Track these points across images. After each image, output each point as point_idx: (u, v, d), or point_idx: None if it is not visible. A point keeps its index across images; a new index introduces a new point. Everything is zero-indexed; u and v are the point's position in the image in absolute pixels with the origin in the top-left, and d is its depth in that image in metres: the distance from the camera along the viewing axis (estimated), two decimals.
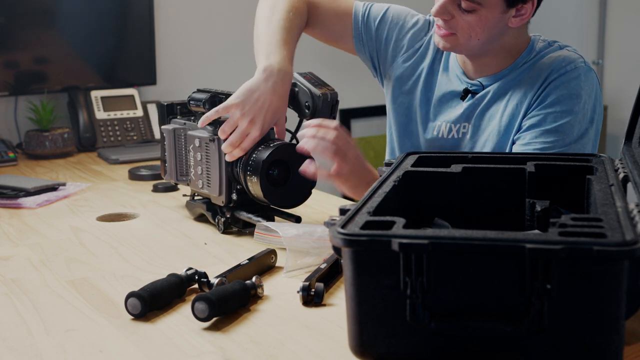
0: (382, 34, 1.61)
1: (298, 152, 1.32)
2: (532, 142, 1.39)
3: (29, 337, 0.97)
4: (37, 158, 2.26)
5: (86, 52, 2.48)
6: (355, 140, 1.36)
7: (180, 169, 1.52)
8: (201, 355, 0.91)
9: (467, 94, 1.50)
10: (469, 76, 1.51)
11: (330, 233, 0.81)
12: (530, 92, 1.43)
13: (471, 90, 1.50)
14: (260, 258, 1.20)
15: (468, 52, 1.47)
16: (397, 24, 1.61)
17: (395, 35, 1.61)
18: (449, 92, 1.53)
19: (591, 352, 0.75)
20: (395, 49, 1.61)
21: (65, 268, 1.25)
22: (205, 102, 1.38)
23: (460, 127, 1.51)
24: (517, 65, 1.47)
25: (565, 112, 1.39)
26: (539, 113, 1.41)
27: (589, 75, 1.42)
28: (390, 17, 1.62)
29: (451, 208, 1.08)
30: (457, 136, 1.51)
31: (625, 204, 0.86)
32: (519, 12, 1.40)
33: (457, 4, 1.39)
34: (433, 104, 1.55)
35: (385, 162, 1.15)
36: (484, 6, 1.37)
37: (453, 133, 1.51)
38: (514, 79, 1.46)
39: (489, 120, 1.47)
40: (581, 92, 1.40)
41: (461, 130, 1.50)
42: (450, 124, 1.52)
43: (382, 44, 1.61)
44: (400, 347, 0.80)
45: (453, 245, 0.76)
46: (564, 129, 1.39)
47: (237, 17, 2.84)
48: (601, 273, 0.73)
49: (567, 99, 1.39)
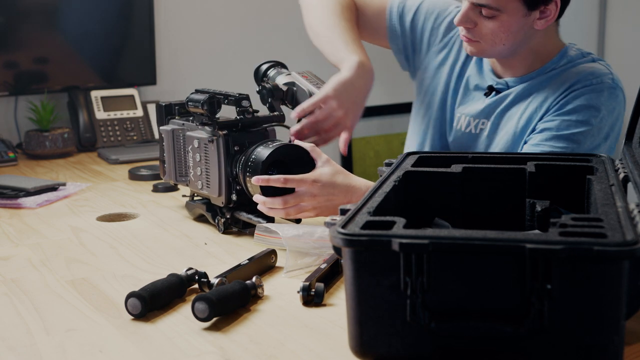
0: (417, 24, 1.64)
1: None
2: (541, 144, 1.39)
3: (29, 337, 0.97)
4: (37, 158, 2.26)
5: (86, 52, 2.48)
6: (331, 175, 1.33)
7: (179, 169, 1.52)
8: (201, 355, 0.91)
9: (491, 91, 1.51)
10: (497, 74, 1.52)
11: (331, 233, 0.81)
12: (551, 97, 1.43)
13: (495, 88, 1.51)
14: (260, 258, 1.20)
15: (496, 56, 1.48)
16: (431, 13, 1.64)
17: (431, 25, 1.63)
18: (474, 85, 1.54)
19: (591, 352, 0.75)
20: (430, 39, 1.63)
21: (65, 268, 1.25)
22: (203, 103, 1.38)
23: (479, 123, 1.52)
24: (545, 70, 1.47)
25: (581, 123, 1.39)
26: (555, 118, 1.41)
27: (613, 93, 1.41)
28: (426, 8, 1.64)
29: (451, 208, 1.08)
30: (474, 131, 1.52)
31: (626, 204, 0.86)
32: (543, 13, 1.40)
33: (478, 11, 1.40)
34: (460, 93, 1.56)
35: (385, 162, 1.15)
36: (504, 12, 1.37)
37: (471, 127, 1.52)
38: (540, 83, 1.46)
39: (508, 120, 1.48)
40: (601, 107, 1.39)
41: (479, 126, 1.51)
42: (470, 117, 1.53)
43: (418, 34, 1.64)
44: (400, 347, 0.80)
45: (453, 245, 0.76)
46: (576, 138, 1.38)
47: (238, 17, 2.84)
48: (601, 273, 0.73)
49: (586, 110, 1.39)
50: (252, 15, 2.87)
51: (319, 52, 1.60)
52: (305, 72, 1.49)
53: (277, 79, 1.51)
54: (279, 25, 2.92)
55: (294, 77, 1.47)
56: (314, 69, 1.55)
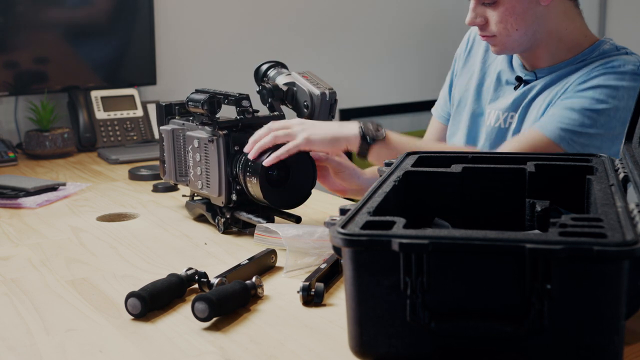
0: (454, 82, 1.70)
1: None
2: (555, 114, 1.39)
3: (29, 337, 0.97)
4: (37, 158, 2.26)
5: (86, 52, 2.48)
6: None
7: (179, 169, 1.52)
8: (201, 355, 0.91)
9: (520, 83, 1.51)
10: (527, 68, 1.53)
11: (331, 233, 0.81)
12: (572, 79, 1.42)
13: (524, 80, 1.51)
14: (260, 258, 1.20)
15: (519, 48, 1.47)
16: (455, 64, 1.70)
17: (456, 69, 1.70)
18: (505, 81, 1.55)
19: (591, 352, 0.75)
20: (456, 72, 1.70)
21: (65, 268, 1.25)
22: (203, 103, 1.38)
23: (508, 117, 1.52)
24: (575, 61, 1.46)
25: (598, 100, 1.38)
26: (572, 95, 1.40)
27: (636, 79, 1.39)
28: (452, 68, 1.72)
29: (451, 208, 1.08)
30: (503, 125, 1.52)
31: (626, 204, 0.86)
32: None
33: (482, 4, 1.42)
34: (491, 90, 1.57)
35: (385, 162, 1.15)
36: None
37: (500, 122, 1.52)
38: (567, 72, 1.45)
39: (533, 109, 1.47)
40: (620, 88, 1.37)
41: (508, 119, 1.51)
42: (499, 112, 1.53)
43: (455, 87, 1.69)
44: (400, 347, 0.80)
45: (453, 245, 0.76)
46: (590, 115, 1.37)
47: (238, 17, 2.84)
48: (601, 273, 0.73)
49: (604, 88, 1.38)
50: (252, 15, 2.87)
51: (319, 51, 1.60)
52: (306, 72, 1.49)
53: (277, 79, 1.51)
54: (279, 26, 2.92)
55: (294, 77, 1.47)
56: (313, 69, 1.55)
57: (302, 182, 1.39)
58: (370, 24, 3.12)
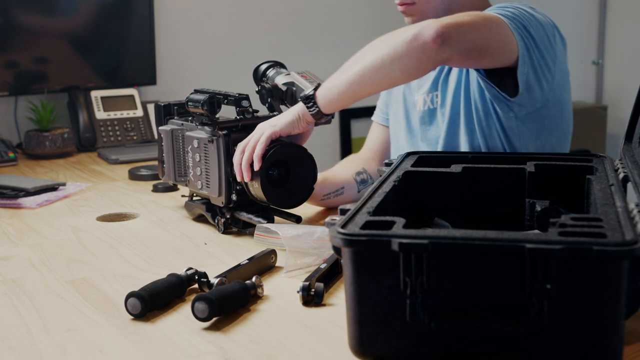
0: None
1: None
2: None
3: (29, 337, 0.97)
4: (37, 158, 2.26)
5: (86, 52, 2.48)
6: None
7: (178, 169, 1.51)
8: (201, 355, 0.91)
9: None
10: None
11: (330, 233, 0.81)
12: None
13: None
14: (260, 258, 1.20)
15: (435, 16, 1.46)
16: None
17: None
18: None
19: (591, 352, 0.75)
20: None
21: (65, 268, 1.25)
22: (203, 103, 1.38)
23: (433, 97, 1.56)
24: None
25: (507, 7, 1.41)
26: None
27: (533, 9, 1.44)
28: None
29: (451, 208, 1.08)
30: (432, 106, 1.56)
31: (625, 204, 0.86)
32: None
33: None
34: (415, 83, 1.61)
35: (385, 162, 1.15)
36: None
37: (428, 104, 1.57)
38: None
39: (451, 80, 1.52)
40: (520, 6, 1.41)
41: (434, 99, 1.55)
42: (424, 95, 1.58)
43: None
44: (400, 347, 0.80)
45: (453, 245, 0.76)
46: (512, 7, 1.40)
47: (238, 17, 2.84)
48: (601, 273, 0.73)
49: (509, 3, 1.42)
50: (252, 16, 2.87)
51: (318, 50, 1.60)
52: (305, 72, 1.49)
53: (276, 79, 1.51)
54: (278, 25, 2.92)
55: (293, 77, 1.46)
56: (313, 68, 1.55)
57: (302, 182, 1.39)
58: (370, 24, 3.12)
